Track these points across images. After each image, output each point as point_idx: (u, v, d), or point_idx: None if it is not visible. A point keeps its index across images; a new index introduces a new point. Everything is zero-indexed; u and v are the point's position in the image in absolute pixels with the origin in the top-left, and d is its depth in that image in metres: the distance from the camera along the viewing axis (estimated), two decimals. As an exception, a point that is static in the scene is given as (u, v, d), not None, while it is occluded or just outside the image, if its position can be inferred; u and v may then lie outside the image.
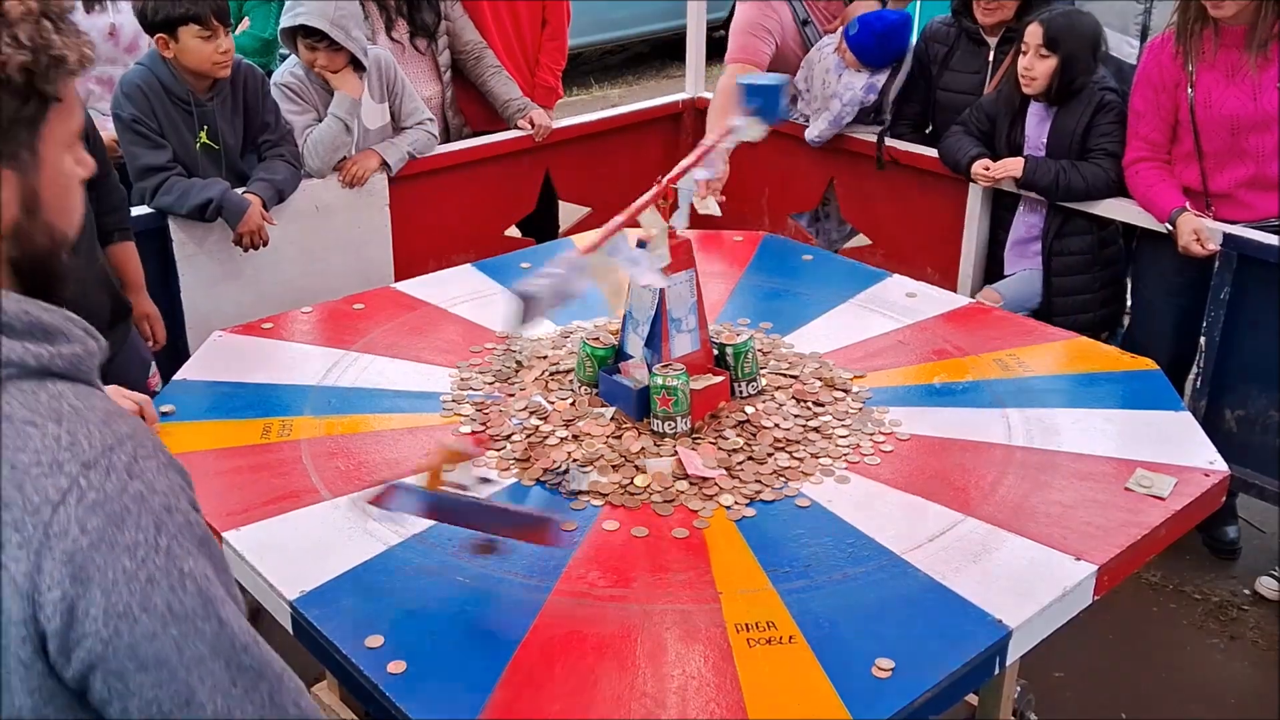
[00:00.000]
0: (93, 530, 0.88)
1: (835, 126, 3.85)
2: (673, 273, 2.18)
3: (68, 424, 0.92)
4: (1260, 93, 3.00)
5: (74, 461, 0.90)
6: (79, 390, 0.95)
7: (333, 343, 2.56)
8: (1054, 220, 3.40)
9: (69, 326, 0.97)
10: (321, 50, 3.31)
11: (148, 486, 0.92)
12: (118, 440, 0.93)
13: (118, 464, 0.91)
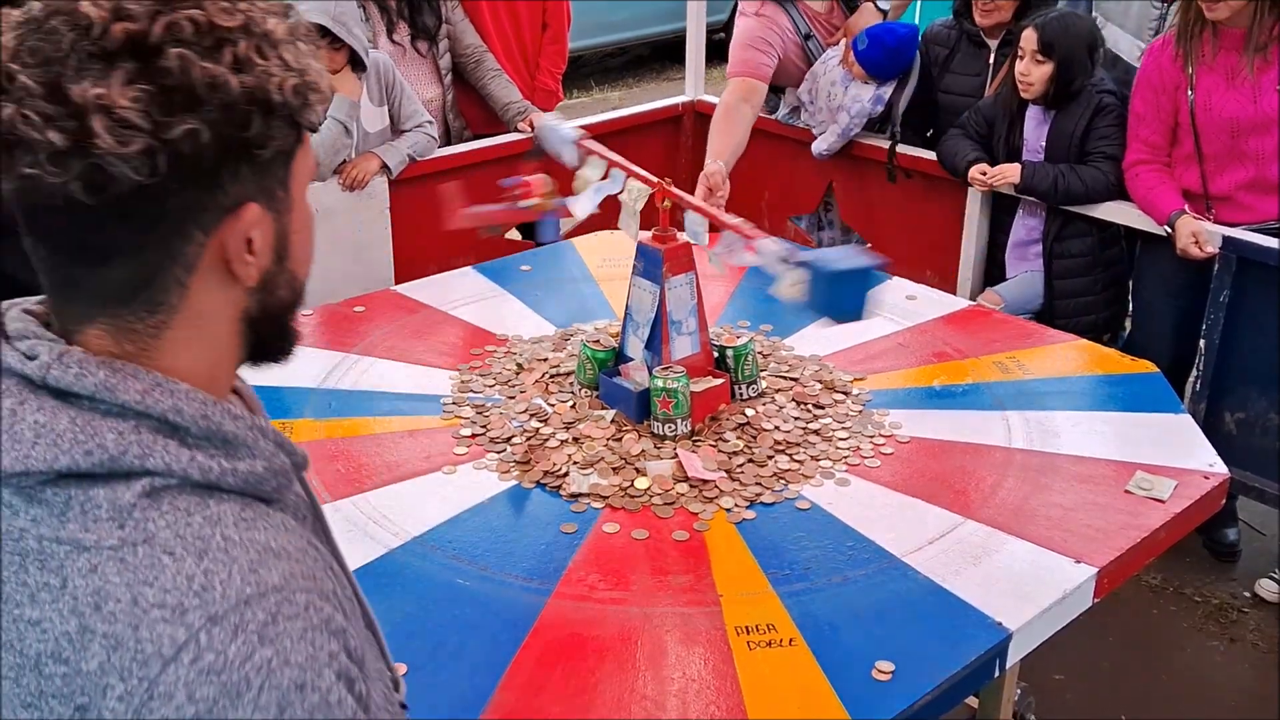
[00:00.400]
0: (201, 700, 0.72)
1: (844, 139, 3.85)
2: (673, 275, 2.18)
3: (209, 562, 0.76)
4: (1260, 95, 3.00)
5: (200, 611, 0.74)
6: (246, 515, 0.80)
7: (333, 345, 2.56)
8: (1054, 223, 3.40)
9: (255, 439, 0.83)
10: (323, 48, 3.31)
11: (280, 656, 0.74)
12: (259, 592, 0.76)
13: (250, 623, 0.74)
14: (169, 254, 0.79)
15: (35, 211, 0.76)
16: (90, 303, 0.80)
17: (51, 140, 0.71)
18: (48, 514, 0.78)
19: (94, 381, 0.77)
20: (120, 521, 0.76)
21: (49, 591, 0.76)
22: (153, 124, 0.72)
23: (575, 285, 2.89)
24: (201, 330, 0.83)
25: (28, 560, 0.77)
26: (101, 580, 0.75)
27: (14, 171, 0.73)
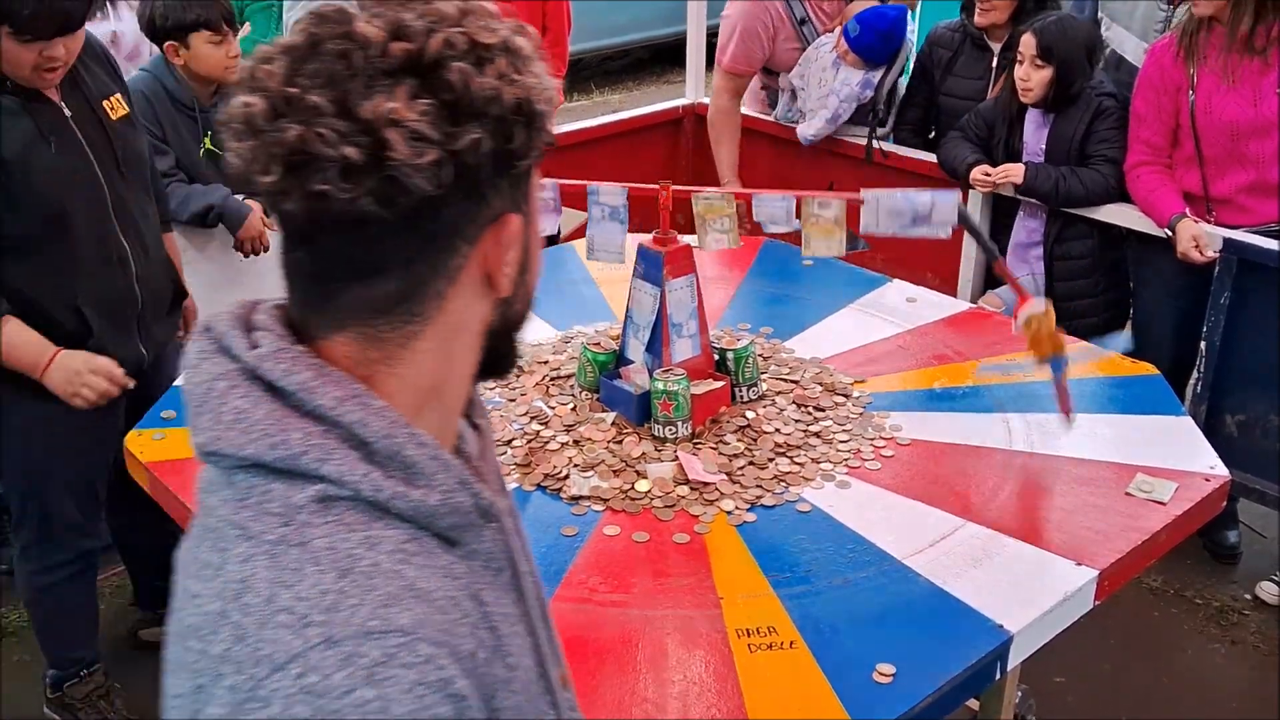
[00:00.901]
0: (293, 718, 0.71)
1: (832, 124, 3.86)
2: (673, 278, 2.18)
3: (347, 583, 0.75)
4: (1261, 98, 3.00)
5: (321, 629, 0.73)
6: (408, 547, 0.78)
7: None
8: (1054, 225, 3.40)
9: (435, 469, 0.81)
10: None
11: (381, 702, 0.71)
12: (383, 629, 0.73)
13: (362, 657, 0.72)
14: (435, 266, 0.81)
15: (315, 229, 0.78)
16: (347, 313, 0.82)
17: (347, 155, 0.73)
18: (233, 496, 0.80)
19: (298, 380, 0.79)
20: (286, 520, 0.78)
21: (210, 570, 0.79)
22: (442, 135, 0.75)
23: (576, 287, 2.89)
24: (448, 342, 0.84)
25: (207, 536, 0.81)
26: (250, 571, 0.76)
27: (303, 189, 0.74)
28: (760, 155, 4.22)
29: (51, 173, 2.28)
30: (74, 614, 2.69)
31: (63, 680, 2.73)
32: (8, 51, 2.18)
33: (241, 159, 0.76)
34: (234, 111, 0.76)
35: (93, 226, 2.35)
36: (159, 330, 2.57)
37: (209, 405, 0.80)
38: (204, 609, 0.78)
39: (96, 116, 2.39)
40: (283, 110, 0.74)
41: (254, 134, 0.75)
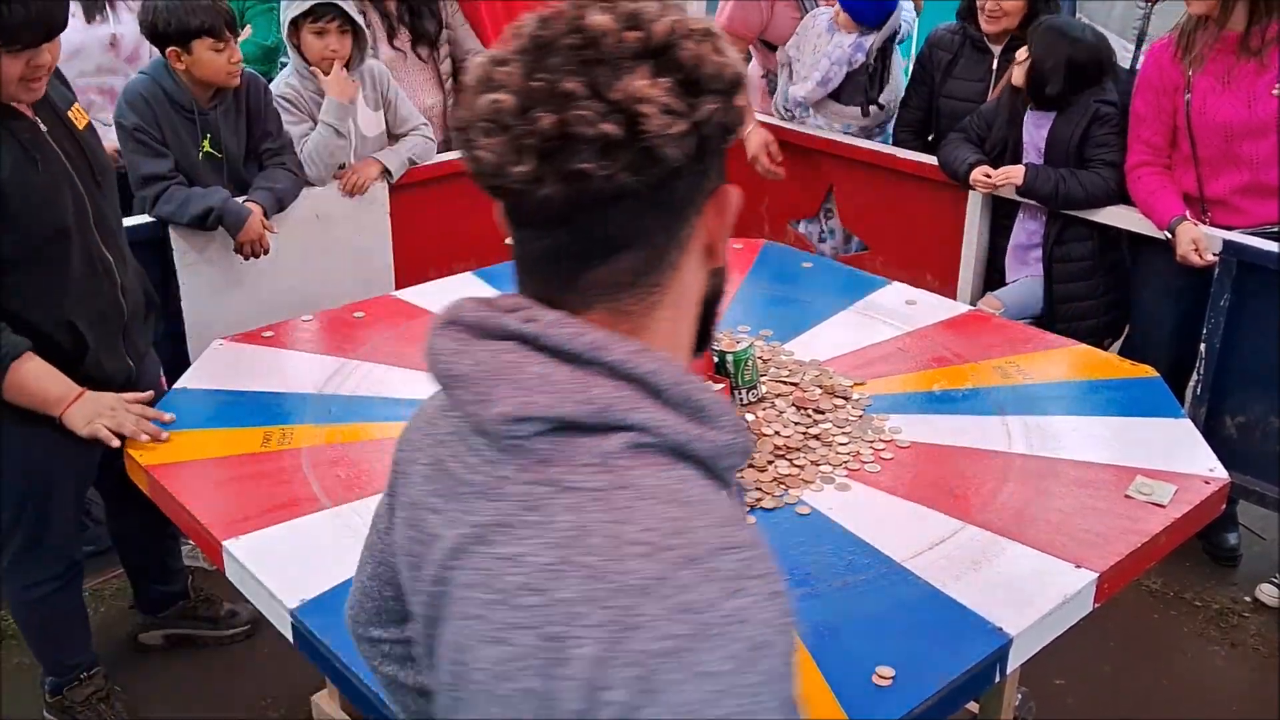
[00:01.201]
0: (673, 638, 0.75)
1: (824, 87, 3.87)
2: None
3: (687, 510, 0.81)
4: (1255, 100, 3.00)
5: (677, 552, 0.78)
6: (707, 485, 0.85)
7: (333, 351, 2.56)
8: (1054, 227, 3.40)
9: (723, 411, 0.87)
10: (333, 31, 3.31)
11: (747, 611, 0.77)
12: (732, 545, 0.79)
13: (722, 571, 0.78)
14: (671, 237, 0.87)
15: (570, 210, 0.82)
16: (594, 291, 0.87)
17: (606, 132, 0.78)
18: (532, 461, 0.84)
19: (586, 341, 0.83)
20: (604, 468, 0.82)
21: (530, 528, 0.82)
22: (687, 107, 0.80)
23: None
24: (680, 312, 0.90)
25: (510, 504, 0.84)
26: (583, 518, 0.80)
27: (561, 172, 0.80)
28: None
29: (42, 191, 2.23)
30: (66, 622, 2.68)
31: (61, 685, 2.73)
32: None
33: (493, 153, 0.81)
34: (482, 110, 0.82)
35: (80, 240, 2.32)
36: (140, 340, 2.54)
37: (505, 377, 0.84)
38: (534, 562, 0.80)
39: (66, 128, 2.34)
40: (534, 102, 0.80)
41: (504, 129, 0.81)
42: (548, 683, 0.77)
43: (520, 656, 0.79)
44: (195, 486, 2.05)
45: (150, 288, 2.62)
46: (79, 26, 3.29)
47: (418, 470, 0.96)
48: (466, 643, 0.84)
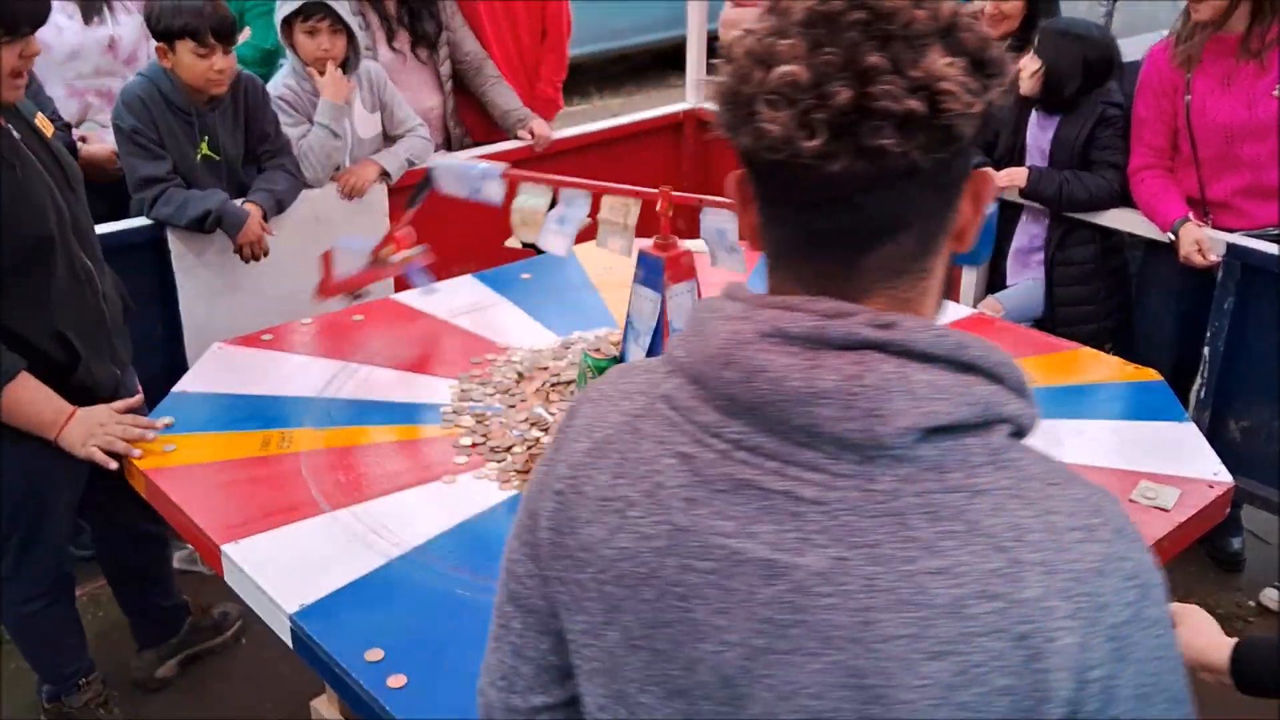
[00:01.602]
0: (1129, 603, 0.82)
1: None
2: (674, 283, 2.17)
3: (1082, 487, 0.85)
4: (1255, 101, 3.00)
5: (1106, 528, 0.83)
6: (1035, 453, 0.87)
7: (332, 354, 2.55)
8: (1057, 230, 3.39)
9: (1026, 383, 0.87)
10: (324, 31, 3.30)
11: (1147, 556, 0.86)
12: (1118, 507, 0.87)
13: (1129, 530, 0.85)
14: (942, 220, 0.86)
15: (858, 187, 0.80)
16: (872, 276, 0.85)
17: (911, 109, 0.77)
18: (918, 470, 0.81)
19: (950, 343, 0.83)
20: (998, 464, 0.82)
21: (954, 538, 0.80)
22: (981, 87, 0.80)
23: (576, 293, 2.89)
24: (936, 300, 0.90)
25: (906, 517, 0.80)
26: (1013, 517, 0.81)
27: (856, 147, 0.78)
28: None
29: (25, 199, 2.20)
30: (61, 632, 2.65)
31: (58, 693, 2.71)
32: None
33: (782, 126, 0.79)
34: (773, 82, 0.79)
35: (63, 249, 2.28)
36: (120, 347, 2.50)
37: (895, 388, 0.80)
38: (977, 570, 0.79)
39: (37, 136, 2.31)
40: (828, 76, 0.78)
41: (792, 102, 0.78)
42: (1029, 678, 0.79)
43: (985, 661, 0.79)
44: (194, 490, 2.04)
45: (125, 293, 2.59)
46: (77, 29, 3.28)
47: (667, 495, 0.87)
48: (885, 666, 0.79)
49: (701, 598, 0.84)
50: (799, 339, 0.82)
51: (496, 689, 1.02)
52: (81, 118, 3.38)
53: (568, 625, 0.95)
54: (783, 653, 0.81)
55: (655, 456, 0.88)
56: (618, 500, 0.89)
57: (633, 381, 0.95)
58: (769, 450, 0.83)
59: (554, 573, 0.95)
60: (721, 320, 0.86)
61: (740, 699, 0.84)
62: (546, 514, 0.95)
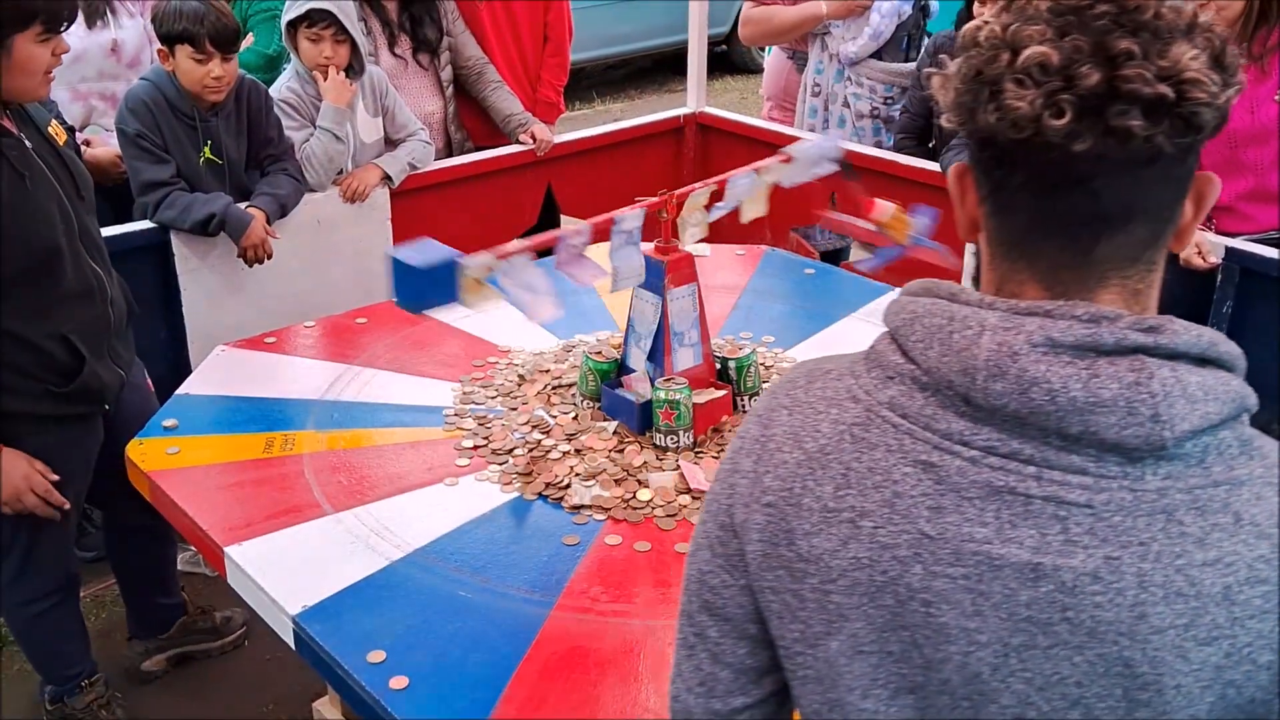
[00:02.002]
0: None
1: (875, 41, 3.91)
2: (675, 287, 2.18)
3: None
4: (1258, 106, 3.00)
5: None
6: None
7: (335, 357, 2.56)
8: None
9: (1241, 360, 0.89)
10: (328, 39, 3.31)
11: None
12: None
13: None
14: (1171, 212, 0.87)
15: (1099, 169, 0.82)
16: (1107, 264, 0.86)
17: (1161, 93, 0.79)
18: (1184, 467, 0.84)
19: (1206, 341, 0.85)
20: (1249, 453, 0.85)
21: (1222, 530, 0.83)
22: (1221, 84, 0.82)
23: (577, 296, 2.89)
24: (1158, 291, 0.90)
25: (1175, 514, 0.83)
26: (1270, 504, 0.84)
27: (1103, 128, 0.80)
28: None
29: (34, 208, 2.23)
30: (65, 634, 2.66)
31: (61, 694, 2.72)
32: (26, 60, 2.14)
33: (1030, 105, 0.81)
34: (1024, 62, 0.81)
35: (71, 255, 2.31)
36: (123, 349, 2.53)
37: (1174, 393, 0.82)
38: (1243, 560, 0.82)
39: (50, 145, 2.34)
40: (1077, 60, 0.80)
41: (1039, 83, 0.81)
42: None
43: (1252, 641, 0.83)
44: (197, 492, 2.05)
45: (130, 297, 2.61)
46: (80, 33, 3.29)
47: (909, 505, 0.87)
48: (1156, 656, 0.82)
49: (951, 603, 0.86)
50: (1070, 347, 0.83)
51: (695, 695, 1.04)
52: (85, 121, 3.39)
53: (778, 633, 0.97)
54: (1043, 648, 0.84)
55: (890, 466, 0.88)
56: (846, 511, 0.90)
57: (833, 388, 0.95)
58: (1026, 456, 0.84)
59: (765, 583, 0.96)
60: (977, 331, 0.86)
61: (986, 694, 0.86)
62: (757, 526, 0.95)
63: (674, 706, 1.06)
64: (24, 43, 2.12)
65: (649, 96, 8.81)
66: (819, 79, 4.09)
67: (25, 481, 2.33)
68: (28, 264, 2.24)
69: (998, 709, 0.86)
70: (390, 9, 3.72)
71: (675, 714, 1.06)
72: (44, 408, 2.35)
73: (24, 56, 2.13)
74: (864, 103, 4.01)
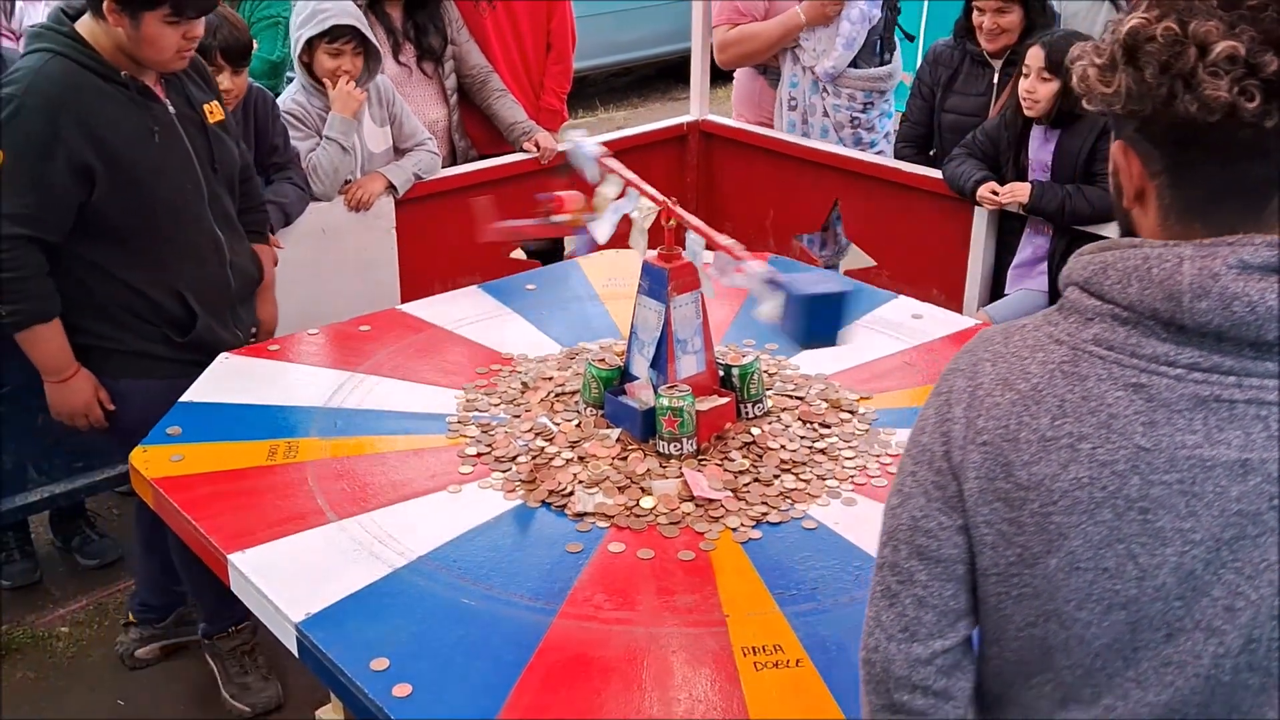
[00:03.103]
0: None
1: (850, 50, 3.89)
2: (678, 294, 2.18)
3: None
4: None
5: None
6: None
7: (339, 364, 2.56)
8: (1060, 242, 3.40)
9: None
10: (348, 53, 3.33)
11: None
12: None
13: None
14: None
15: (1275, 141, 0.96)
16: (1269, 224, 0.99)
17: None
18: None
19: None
20: None
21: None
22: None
23: (580, 304, 2.90)
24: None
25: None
26: None
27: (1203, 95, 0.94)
28: (763, 173, 4.22)
29: (157, 165, 2.47)
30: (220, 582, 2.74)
31: (212, 631, 2.87)
32: (156, 37, 2.37)
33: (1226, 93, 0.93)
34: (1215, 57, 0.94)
35: (193, 217, 2.56)
36: (245, 316, 2.76)
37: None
38: None
39: (197, 116, 2.58)
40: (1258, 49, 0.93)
41: (1229, 73, 0.94)
42: None
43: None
44: (200, 500, 2.05)
45: (258, 265, 2.82)
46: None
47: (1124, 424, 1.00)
48: None
49: (1167, 507, 0.98)
50: (1259, 268, 0.96)
51: (897, 642, 1.14)
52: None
53: (990, 562, 1.08)
54: (1252, 537, 0.97)
55: (1102, 393, 1.01)
56: (1065, 437, 1.02)
57: (1032, 338, 1.07)
58: (1226, 368, 0.97)
59: (981, 517, 1.08)
60: (1176, 263, 0.98)
61: (1198, 589, 0.98)
62: (974, 465, 1.07)
63: (871, 659, 1.16)
64: (153, 21, 2.35)
65: (652, 104, 8.82)
66: (794, 92, 4.09)
67: (85, 407, 2.60)
68: (146, 215, 2.48)
69: (1209, 601, 0.98)
70: (395, 17, 3.73)
71: (873, 666, 1.16)
72: (160, 351, 2.60)
73: (153, 33, 2.36)
74: (844, 113, 4.00)
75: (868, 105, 4.01)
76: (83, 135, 2.37)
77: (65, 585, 3.37)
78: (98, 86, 2.40)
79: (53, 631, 3.16)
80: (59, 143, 2.35)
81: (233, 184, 2.71)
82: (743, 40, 4.06)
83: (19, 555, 3.37)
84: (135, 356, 2.58)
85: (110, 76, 2.41)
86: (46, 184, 2.38)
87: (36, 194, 2.38)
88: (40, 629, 3.17)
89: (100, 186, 2.41)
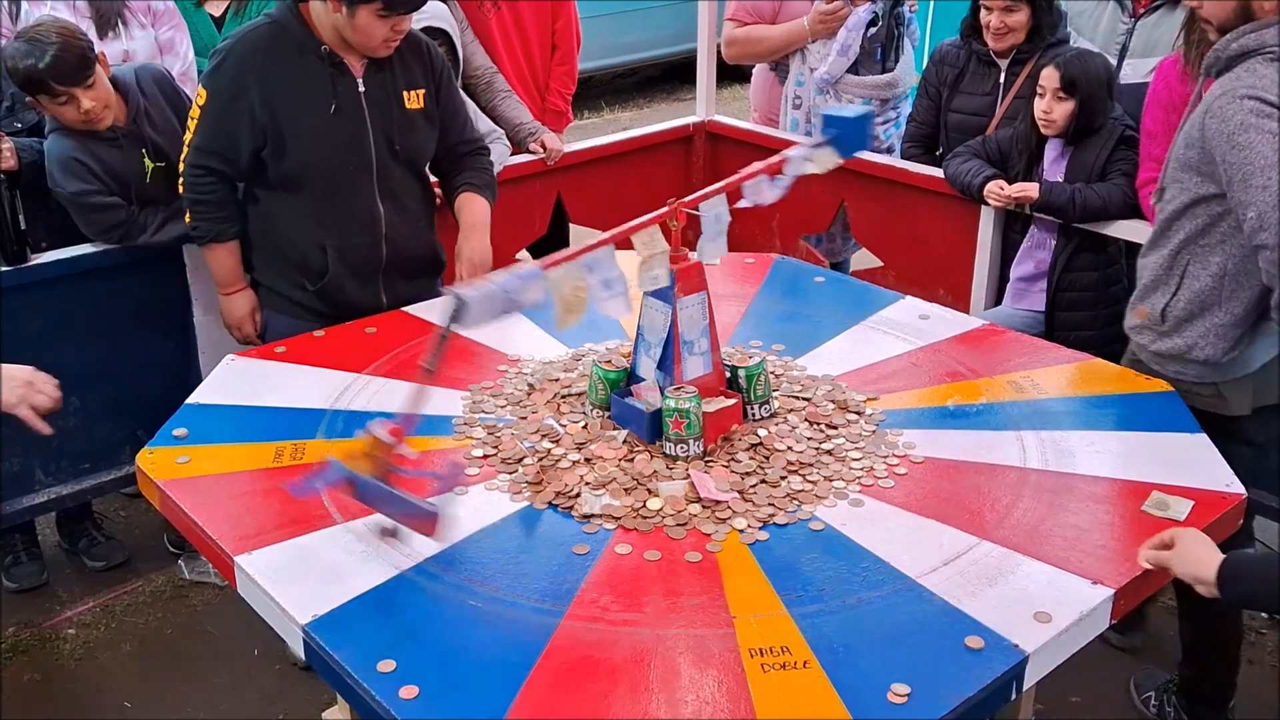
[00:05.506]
0: None
1: (845, 55, 3.92)
2: (685, 295, 2.18)
3: None
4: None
5: None
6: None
7: (345, 366, 2.56)
8: (1062, 254, 3.38)
9: None
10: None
11: None
12: None
13: None
14: None
15: None
16: None
17: None
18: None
19: None
20: None
21: None
22: None
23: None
24: None
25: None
26: None
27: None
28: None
29: (324, 134, 2.74)
30: None
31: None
32: (366, 26, 2.65)
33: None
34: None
35: (352, 186, 2.81)
36: (404, 287, 2.96)
37: None
38: None
39: (390, 99, 2.81)
40: None
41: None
42: None
43: None
44: (207, 501, 2.05)
45: (436, 248, 3.08)
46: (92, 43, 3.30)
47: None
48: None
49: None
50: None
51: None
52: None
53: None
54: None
55: None
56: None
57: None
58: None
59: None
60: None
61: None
62: None
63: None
64: (367, 13, 2.62)
65: (658, 105, 8.83)
66: (799, 91, 4.10)
67: (239, 321, 3.00)
68: (302, 175, 2.77)
69: None
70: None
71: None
72: (296, 295, 2.90)
73: (365, 23, 2.64)
74: None
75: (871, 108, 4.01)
76: (262, 93, 2.70)
77: (72, 587, 3.37)
78: (293, 55, 2.72)
79: (59, 633, 3.17)
80: (244, 94, 2.70)
81: (415, 166, 2.94)
82: (749, 41, 4.11)
83: (26, 557, 3.38)
84: (276, 294, 2.93)
85: (309, 49, 2.72)
86: (229, 127, 2.74)
87: (222, 134, 2.75)
88: (47, 631, 3.18)
89: (271, 141, 2.73)
